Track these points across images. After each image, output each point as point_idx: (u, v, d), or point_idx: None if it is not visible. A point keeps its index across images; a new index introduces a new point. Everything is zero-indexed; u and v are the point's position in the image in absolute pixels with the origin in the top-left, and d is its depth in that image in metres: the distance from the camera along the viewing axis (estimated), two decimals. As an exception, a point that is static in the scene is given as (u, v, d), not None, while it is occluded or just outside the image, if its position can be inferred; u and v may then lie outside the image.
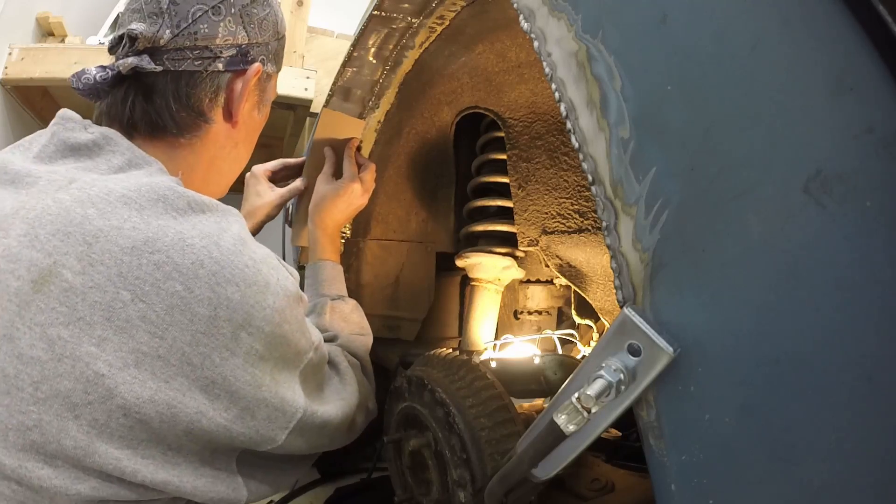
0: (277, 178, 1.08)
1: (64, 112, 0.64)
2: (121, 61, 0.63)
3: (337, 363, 0.82)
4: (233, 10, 0.66)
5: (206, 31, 0.64)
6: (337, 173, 1.00)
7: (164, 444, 0.55)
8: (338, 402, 0.75)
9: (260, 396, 0.59)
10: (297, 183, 1.06)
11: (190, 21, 0.63)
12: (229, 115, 0.71)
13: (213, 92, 0.67)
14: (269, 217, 1.03)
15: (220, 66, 0.66)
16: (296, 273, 0.66)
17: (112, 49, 0.66)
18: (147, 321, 0.52)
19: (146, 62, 0.62)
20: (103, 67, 0.64)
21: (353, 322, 0.93)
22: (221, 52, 0.66)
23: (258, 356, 0.58)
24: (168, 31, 0.63)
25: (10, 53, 1.84)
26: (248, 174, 1.06)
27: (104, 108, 0.66)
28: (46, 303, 0.51)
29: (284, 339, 0.60)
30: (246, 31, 0.68)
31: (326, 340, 0.88)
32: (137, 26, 0.62)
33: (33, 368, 0.50)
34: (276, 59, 0.76)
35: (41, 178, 0.57)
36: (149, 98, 0.65)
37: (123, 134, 0.64)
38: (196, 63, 0.65)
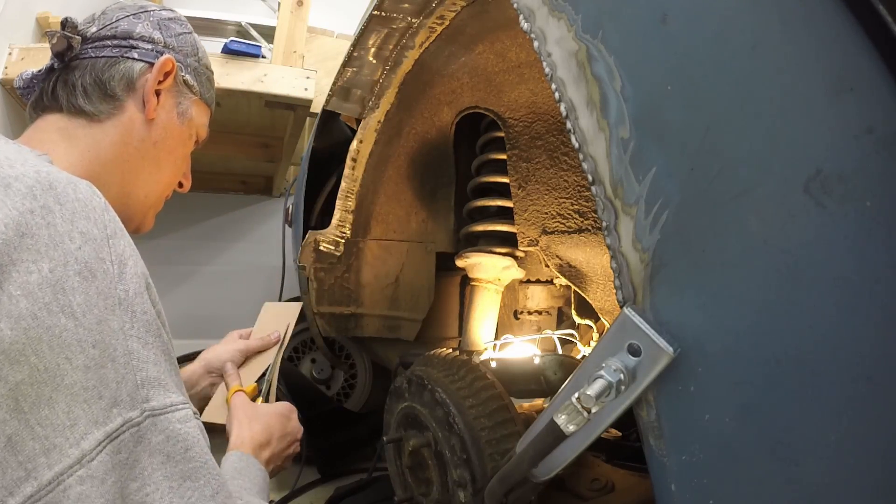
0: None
1: None
2: (53, 42, 0.68)
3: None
4: (151, 18, 0.75)
5: (125, 26, 0.72)
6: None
7: None
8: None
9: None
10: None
11: (113, 20, 0.72)
12: (143, 106, 0.72)
13: (127, 76, 0.70)
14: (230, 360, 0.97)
15: (136, 55, 0.71)
16: (143, 270, 0.51)
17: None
18: None
19: (75, 42, 0.68)
20: (40, 69, 0.71)
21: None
22: (138, 44, 0.72)
23: None
24: (94, 27, 0.71)
25: (10, 53, 1.84)
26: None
27: (34, 98, 0.70)
28: None
29: (59, 340, 0.42)
30: (162, 35, 0.74)
31: None
32: (70, 18, 0.70)
33: None
34: (198, 78, 0.78)
35: None
36: (68, 76, 0.69)
37: (49, 113, 0.68)
38: (114, 50, 0.71)
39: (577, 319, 1.24)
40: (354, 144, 1.14)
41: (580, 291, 1.07)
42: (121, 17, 0.72)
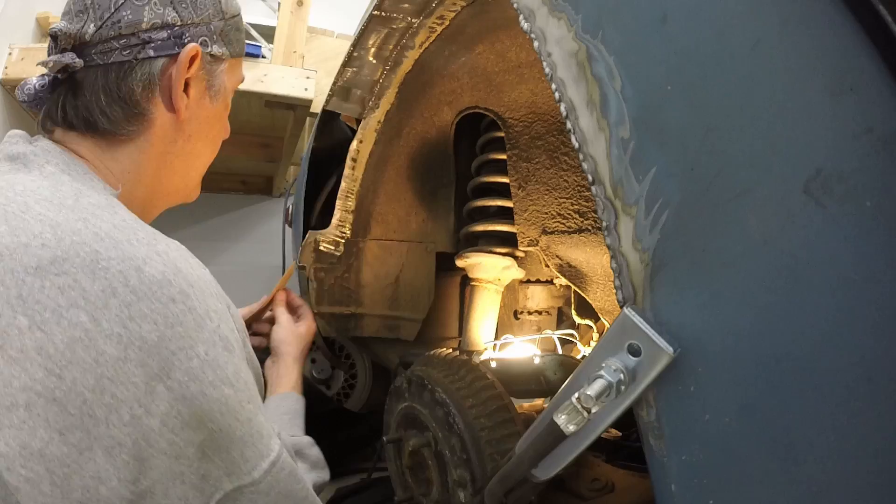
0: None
1: (13, 131, 0.62)
2: (41, 62, 0.59)
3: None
4: None
5: (130, 17, 0.59)
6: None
7: None
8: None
9: (177, 470, 0.48)
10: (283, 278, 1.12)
11: (112, 10, 0.59)
12: (171, 105, 0.64)
13: (146, 80, 0.61)
14: None
15: (151, 53, 0.61)
16: (238, 318, 0.58)
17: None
18: (44, 354, 0.44)
19: (69, 58, 0.58)
20: (43, 76, 0.61)
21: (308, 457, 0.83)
22: (150, 38, 0.60)
23: (185, 424, 0.48)
24: (92, 25, 0.59)
25: (10, 53, 1.84)
26: None
27: (42, 115, 0.63)
28: None
29: (224, 403, 0.50)
30: (176, 12, 0.62)
31: None
32: (60, 25, 0.59)
33: None
34: (226, 39, 0.68)
35: None
36: (77, 94, 0.60)
37: (67, 132, 0.61)
38: (124, 53, 0.59)
39: (577, 319, 1.24)
40: (354, 144, 1.14)
41: (580, 291, 1.07)
42: (120, 3, 0.59)
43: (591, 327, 1.21)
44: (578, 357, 1.12)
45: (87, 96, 0.60)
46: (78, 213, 0.50)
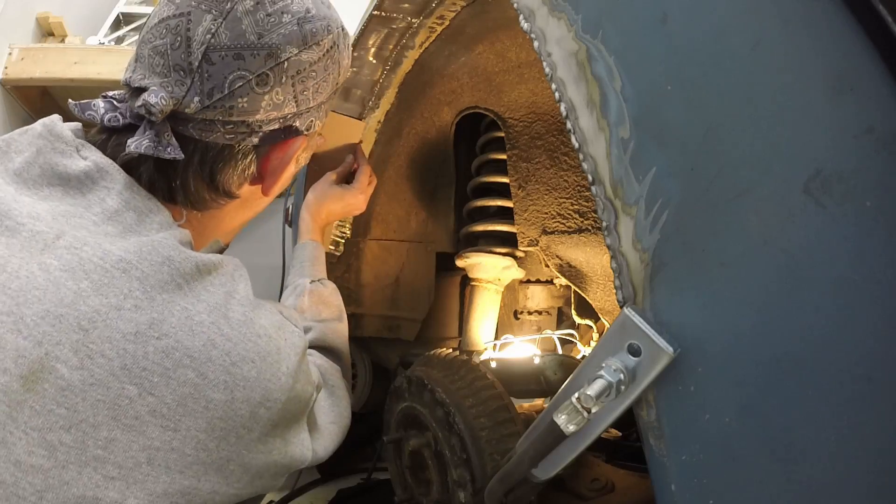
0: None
1: (53, 124, 0.54)
2: (133, 144, 0.51)
3: (328, 379, 0.79)
4: (283, 79, 0.54)
5: (245, 105, 0.53)
6: (342, 175, 1.00)
7: None
8: (332, 427, 0.73)
9: (270, 461, 0.56)
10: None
11: (226, 92, 0.52)
12: (259, 180, 0.61)
13: (244, 168, 0.58)
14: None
15: (256, 141, 0.56)
16: (294, 315, 0.63)
17: (126, 84, 0.55)
18: (158, 415, 0.47)
19: (169, 151, 0.52)
20: (113, 105, 0.55)
21: (332, 305, 0.91)
22: (260, 128, 0.55)
23: (272, 425, 0.54)
24: (196, 99, 0.52)
25: (10, 53, 1.85)
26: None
27: (109, 150, 0.55)
28: (42, 404, 0.44)
29: (297, 398, 0.57)
30: (296, 102, 0.56)
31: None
32: (155, 94, 0.50)
33: (35, 477, 0.44)
34: (330, 101, 0.64)
35: (23, 225, 0.48)
36: (161, 167, 0.54)
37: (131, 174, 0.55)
38: (227, 137, 0.54)
39: (577, 319, 1.24)
40: (354, 144, 1.13)
41: (580, 291, 1.07)
42: (237, 86, 0.52)
43: (591, 327, 1.21)
44: (578, 357, 1.12)
45: (171, 173, 0.55)
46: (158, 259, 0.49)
